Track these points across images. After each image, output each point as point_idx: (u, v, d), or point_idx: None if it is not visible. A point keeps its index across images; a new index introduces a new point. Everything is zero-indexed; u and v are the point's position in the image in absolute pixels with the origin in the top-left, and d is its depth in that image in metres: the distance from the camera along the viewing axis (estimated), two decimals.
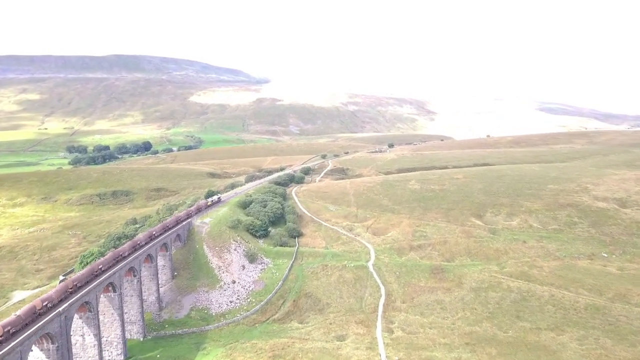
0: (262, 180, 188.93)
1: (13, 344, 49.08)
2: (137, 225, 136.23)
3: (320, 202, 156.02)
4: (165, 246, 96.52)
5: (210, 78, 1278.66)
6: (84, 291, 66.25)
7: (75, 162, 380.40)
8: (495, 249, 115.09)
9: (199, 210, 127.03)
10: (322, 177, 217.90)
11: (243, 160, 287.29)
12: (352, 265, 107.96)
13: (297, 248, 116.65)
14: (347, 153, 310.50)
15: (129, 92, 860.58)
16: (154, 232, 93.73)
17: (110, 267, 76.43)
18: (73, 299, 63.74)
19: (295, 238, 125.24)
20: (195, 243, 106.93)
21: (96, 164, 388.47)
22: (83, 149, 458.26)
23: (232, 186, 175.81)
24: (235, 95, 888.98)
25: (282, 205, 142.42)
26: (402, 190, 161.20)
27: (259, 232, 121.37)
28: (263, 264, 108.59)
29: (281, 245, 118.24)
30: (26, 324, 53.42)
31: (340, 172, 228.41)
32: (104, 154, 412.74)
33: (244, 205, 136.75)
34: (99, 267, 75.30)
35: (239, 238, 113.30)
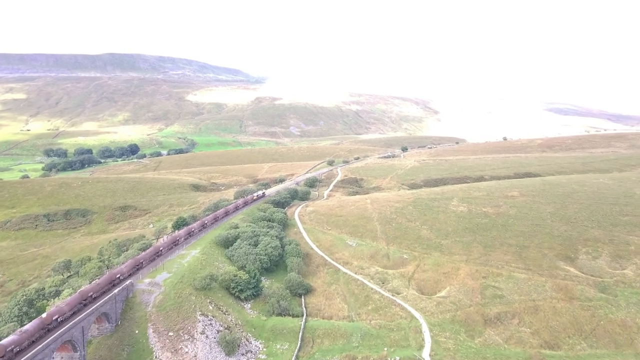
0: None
1: None
2: (69, 274, 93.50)
3: (333, 232, 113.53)
4: (71, 344, 53.82)
5: (208, 77, 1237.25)
6: None
7: (50, 168, 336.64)
8: (621, 323, 72.57)
9: (216, 219, 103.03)
10: (331, 190, 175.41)
11: (236, 168, 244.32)
12: (397, 358, 65.35)
13: (305, 320, 73.90)
14: (357, 159, 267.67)
15: (122, 91, 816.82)
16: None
17: None
18: None
19: (301, 297, 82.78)
20: (134, 325, 63.98)
21: (73, 169, 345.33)
22: (63, 153, 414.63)
23: (216, 207, 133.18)
24: (232, 94, 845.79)
25: (281, 240, 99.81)
26: (445, 215, 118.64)
27: (246, 291, 78.60)
28: (250, 354, 65.96)
29: (280, 314, 75.65)
30: None
31: (354, 184, 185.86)
32: (83, 159, 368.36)
33: (226, 242, 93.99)
34: None
35: (211, 307, 70.49)
